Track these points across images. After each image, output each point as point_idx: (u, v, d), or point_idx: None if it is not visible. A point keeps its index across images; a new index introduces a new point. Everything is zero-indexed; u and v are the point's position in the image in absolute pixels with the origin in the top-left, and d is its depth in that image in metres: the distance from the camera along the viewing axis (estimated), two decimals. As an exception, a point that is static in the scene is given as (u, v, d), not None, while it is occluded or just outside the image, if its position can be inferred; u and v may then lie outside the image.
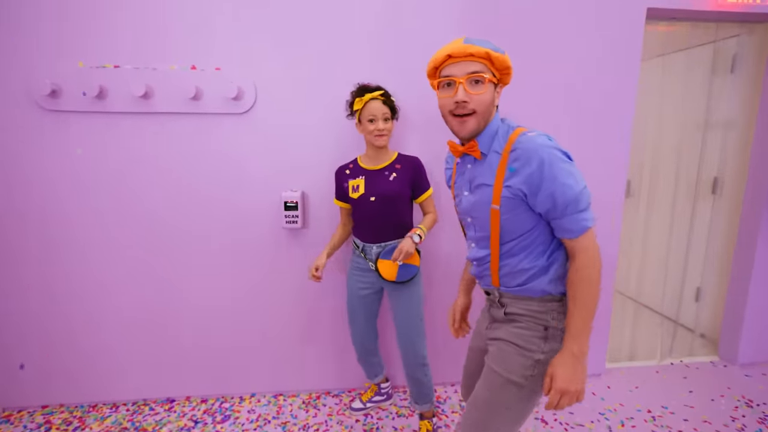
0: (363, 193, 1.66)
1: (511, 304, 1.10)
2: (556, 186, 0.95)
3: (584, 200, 0.96)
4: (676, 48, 2.29)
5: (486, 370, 1.13)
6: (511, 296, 1.10)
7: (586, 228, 0.97)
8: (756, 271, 2.26)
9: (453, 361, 2.19)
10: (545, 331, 1.06)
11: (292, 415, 1.98)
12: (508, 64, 1.03)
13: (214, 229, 1.93)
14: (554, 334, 1.06)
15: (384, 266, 1.65)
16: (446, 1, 1.84)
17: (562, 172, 0.94)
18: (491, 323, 1.19)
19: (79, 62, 1.74)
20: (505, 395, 1.07)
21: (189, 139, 1.84)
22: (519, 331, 1.08)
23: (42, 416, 1.95)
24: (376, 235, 1.68)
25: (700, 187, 2.43)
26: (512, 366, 1.07)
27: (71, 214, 1.85)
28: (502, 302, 1.12)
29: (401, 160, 1.70)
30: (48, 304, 1.91)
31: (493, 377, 1.09)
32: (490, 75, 1.01)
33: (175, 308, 1.98)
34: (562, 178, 0.94)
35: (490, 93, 1.02)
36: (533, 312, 1.07)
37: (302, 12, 1.80)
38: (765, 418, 1.94)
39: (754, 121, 2.27)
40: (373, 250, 1.69)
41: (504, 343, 1.10)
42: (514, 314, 1.10)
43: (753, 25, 2.18)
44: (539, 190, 0.96)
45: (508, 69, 1.04)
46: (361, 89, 1.64)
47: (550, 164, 0.94)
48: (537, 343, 1.06)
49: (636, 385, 2.21)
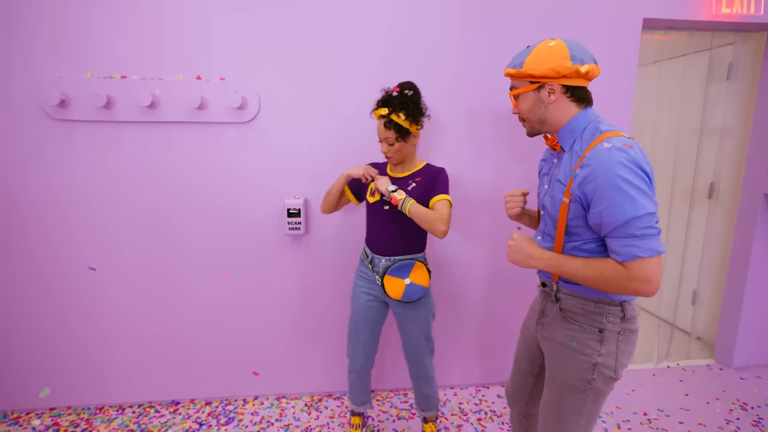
0: (378, 199, 1.57)
1: (567, 300, 1.11)
2: (604, 206, 0.93)
3: (639, 227, 0.90)
4: (673, 55, 2.32)
5: (547, 377, 1.16)
6: (567, 292, 1.10)
7: (634, 256, 0.91)
8: (751, 275, 2.30)
9: (455, 367, 2.23)
10: (600, 333, 1.05)
11: (294, 417, 2.02)
12: (528, 73, 1.05)
13: (219, 235, 1.97)
14: (610, 336, 1.05)
15: (390, 283, 1.55)
16: (451, 11, 1.88)
17: (618, 194, 0.91)
18: (541, 318, 1.20)
19: (87, 73, 1.78)
20: (569, 401, 1.09)
21: (194, 147, 1.88)
22: (573, 333, 1.08)
23: (50, 418, 1.99)
24: (385, 248, 1.59)
25: (696, 192, 2.46)
26: (571, 371, 1.08)
27: (79, 221, 1.89)
28: (558, 296, 1.13)
29: (424, 172, 1.57)
30: (56, 309, 1.95)
31: (554, 384, 1.12)
32: (524, 85, 1.09)
33: (180, 313, 2.02)
34: (614, 199, 0.91)
35: (526, 100, 1.10)
36: (588, 312, 1.07)
37: (305, 22, 1.83)
38: (759, 420, 1.98)
39: (749, 127, 2.30)
40: (381, 263, 1.60)
41: (559, 344, 1.11)
42: (569, 311, 1.10)
43: (748, 33, 2.22)
44: (591, 205, 0.97)
45: (531, 76, 1.05)
46: (381, 99, 1.51)
47: (605, 183, 0.92)
48: (593, 346, 1.05)
49: (633, 388, 2.25)
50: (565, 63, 1.01)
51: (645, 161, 0.94)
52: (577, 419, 1.09)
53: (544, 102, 1.07)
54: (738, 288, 2.35)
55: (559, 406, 1.11)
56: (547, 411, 1.15)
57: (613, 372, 1.06)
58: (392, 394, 2.21)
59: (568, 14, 1.93)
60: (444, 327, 2.15)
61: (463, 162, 2.00)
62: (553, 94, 1.05)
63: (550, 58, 1.02)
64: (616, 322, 1.05)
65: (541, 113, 1.09)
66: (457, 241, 2.07)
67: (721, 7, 1.99)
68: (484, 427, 1.95)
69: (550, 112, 1.08)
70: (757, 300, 2.33)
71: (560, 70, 1.01)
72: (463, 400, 2.16)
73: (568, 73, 1.02)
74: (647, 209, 0.91)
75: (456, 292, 2.14)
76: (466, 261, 2.10)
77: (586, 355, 1.06)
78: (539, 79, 1.05)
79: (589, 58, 1.04)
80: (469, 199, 2.03)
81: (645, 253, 0.90)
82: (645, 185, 0.92)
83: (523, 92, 1.09)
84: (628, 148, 0.93)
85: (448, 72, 1.91)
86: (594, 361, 1.05)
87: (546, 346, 1.18)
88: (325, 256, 2.03)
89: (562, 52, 1.01)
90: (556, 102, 1.06)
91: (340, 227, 2.00)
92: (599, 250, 1.03)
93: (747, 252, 2.30)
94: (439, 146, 1.97)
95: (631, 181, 0.91)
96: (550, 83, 1.04)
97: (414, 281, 1.55)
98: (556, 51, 1.02)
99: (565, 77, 1.03)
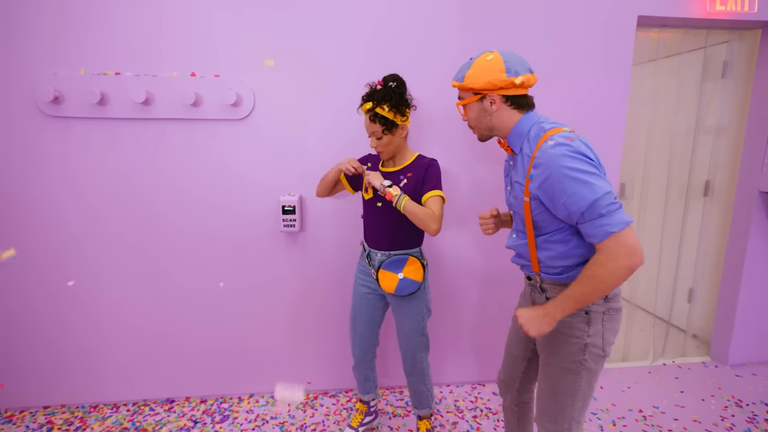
0: (372, 197, 1.59)
1: (552, 290, 1.17)
2: (566, 197, 0.99)
3: (603, 206, 0.96)
4: (668, 53, 2.33)
5: (541, 363, 1.22)
6: (551, 282, 1.16)
7: (608, 233, 0.97)
8: (746, 272, 2.30)
9: (451, 364, 2.23)
10: (587, 315, 1.11)
11: (289, 415, 2.02)
12: (468, 86, 1.13)
13: (214, 233, 1.96)
14: (596, 317, 1.11)
15: (385, 277, 1.57)
16: (446, 7, 1.88)
17: (573, 184, 0.98)
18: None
19: (81, 69, 1.77)
20: (565, 384, 1.15)
21: (188, 144, 1.88)
22: (563, 318, 1.11)
23: (44, 416, 1.99)
24: (381, 243, 1.60)
25: (691, 190, 2.47)
26: (563, 355, 1.14)
27: (72, 218, 1.88)
28: (543, 287, 1.19)
29: (415, 165, 1.56)
30: (49, 306, 1.95)
31: (549, 369, 1.18)
32: (468, 96, 1.17)
33: (175, 310, 2.02)
34: (572, 189, 0.98)
35: (472, 110, 1.18)
36: None
37: (300, 19, 1.84)
38: (754, 417, 1.98)
39: (744, 125, 2.31)
40: (377, 257, 1.62)
41: (550, 331, 1.14)
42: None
43: (743, 31, 2.23)
44: (553, 200, 1.03)
45: (472, 89, 1.13)
46: (366, 94, 1.52)
47: (558, 179, 0.99)
48: (581, 328, 1.11)
49: (629, 385, 2.25)
50: (500, 76, 1.09)
51: (589, 149, 1.02)
52: (573, 401, 1.15)
53: (487, 111, 1.15)
54: (733, 285, 2.36)
55: (556, 390, 1.17)
56: (543, 396, 1.20)
57: (601, 350, 1.12)
58: (388, 392, 2.21)
59: (562, 12, 1.93)
60: (440, 324, 2.15)
61: (455, 157, 1.99)
62: (494, 104, 1.13)
63: (487, 72, 1.09)
64: (600, 302, 1.11)
65: (487, 121, 1.17)
66: (452, 237, 2.07)
67: (716, 4, 2.00)
68: (479, 425, 1.95)
69: (495, 119, 1.16)
70: (752, 297, 2.34)
71: (496, 83, 1.09)
72: (458, 398, 2.15)
73: (504, 85, 1.10)
74: (604, 189, 0.97)
75: (452, 289, 2.14)
76: (460, 257, 2.10)
77: (576, 337, 1.12)
78: (480, 92, 1.13)
79: (524, 69, 1.11)
80: (463, 195, 2.03)
81: (616, 227, 0.96)
82: (594, 169, 0.99)
83: (468, 103, 1.17)
84: (569, 141, 1.01)
85: (440, 67, 1.91)
86: (584, 342, 1.11)
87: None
88: (320, 253, 2.03)
89: (498, 66, 1.09)
90: (499, 111, 1.14)
91: (335, 224, 2.00)
92: (568, 239, 1.09)
93: (742, 249, 2.30)
94: (433, 141, 1.97)
95: (580, 168, 0.98)
96: (491, 95, 1.12)
97: (407, 276, 1.57)
98: (492, 65, 1.09)
99: (501, 89, 1.11)
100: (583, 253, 1.10)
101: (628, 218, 0.97)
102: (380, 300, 1.72)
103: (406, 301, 1.63)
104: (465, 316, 2.18)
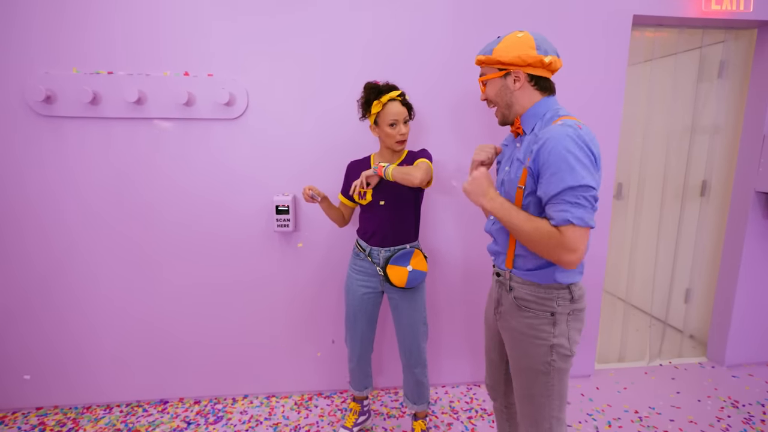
0: (371, 200, 1.63)
1: (519, 288, 1.17)
2: (549, 174, 1.00)
3: (575, 195, 0.97)
4: (664, 53, 2.32)
5: (513, 367, 1.22)
6: (520, 280, 1.17)
7: (566, 220, 0.97)
8: (743, 272, 2.29)
9: (446, 364, 2.22)
10: (552, 317, 1.12)
11: (284, 416, 2.01)
12: (496, 59, 1.12)
13: (207, 233, 1.95)
14: (561, 318, 1.12)
15: (394, 272, 1.60)
16: (442, 6, 1.87)
17: (562, 164, 0.97)
18: (498, 307, 1.25)
19: (74, 68, 1.76)
20: (538, 385, 1.15)
21: (181, 144, 1.87)
22: (528, 320, 1.14)
23: (36, 418, 1.97)
24: (384, 239, 1.64)
25: (688, 190, 2.46)
26: (532, 357, 1.14)
27: (66, 218, 1.87)
28: (511, 285, 1.19)
29: (407, 160, 1.65)
30: (41, 307, 1.93)
31: (521, 373, 1.18)
32: (492, 72, 1.15)
33: (168, 310, 2.01)
34: (558, 168, 0.98)
35: (494, 86, 1.17)
36: (540, 299, 1.13)
37: (293, 18, 1.83)
38: (750, 418, 1.97)
39: (740, 125, 2.30)
40: (381, 254, 1.65)
41: (517, 334, 1.17)
42: (522, 300, 1.16)
43: (738, 31, 2.22)
44: (540, 173, 1.03)
45: (500, 62, 1.12)
46: (377, 89, 1.55)
47: (553, 153, 0.99)
48: (547, 330, 1.12)
49: (625, 386, 2.24)
50: (530, 52, 1.09)
51: (593, 143, 1.01)
52: (550, 401, 1.16)
53: (509, 88, 1.14)
54: (730, 286, 2.35)
55: (531, 393, 1.17)
56: (521, 400, 1.20)
57: (568, 350, 1.13)
58: (383, 393, 2.20)
59: (557, 11, 1.92)
60: (435, 324, 2.14)
61: (449, 154, 1.98)
62: (518, 81, 1.13)
63: (517, 47, 1.10)
64: (566, 304, 1.12)
65: (507, 98, 1.16)
66: (448, 235, 2.06)
67: (711, 4, 1.99)
68: (474, 425, 1.94)
69: (516, 97, 1.15)
70: (749, 298, 2.33)
71: (526, 58, 1.09)
72: (454, 398, 2.14)
73: (533, 62, 1.09)
74: (586, 181, 0.97)
75: (447, 288, 2.13)
76: (455, 255, 2.09)
77: (542, 339, 1.13)
78: (507, 66, 1.12)
79: (553, 50, 1.12)
80: (457, 195, 2.02)
81: (575, 220, 0.97)
82: (589, 162, 0.99)
83: (491, 78, 1.17)
84: (578, 128, 1.01)
85: (434, 65, 1.91)
86: (550, 343, 1.12)
87: (506, 336, 1.23)
88: (314, 254, 2.02)
89: (529, 42, 1.09)
90: (521, 89, 1.14)
91: (329, 225, 1.98)
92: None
93: (739, 249, 2.29)
94: (428, 137, 1.96)
95: (575, 154, 0.98)
96: (516, 71, 1.12)
97: (415, 267, 1.63)
98: (523, 41, 1.10)
99: (530, 66, 1.10)
100: None
101: (591, 222, 0.98)
102: (378, 297, 1.76)
103: (411, 292, 1.68)
104: (460, 316, 2.17)
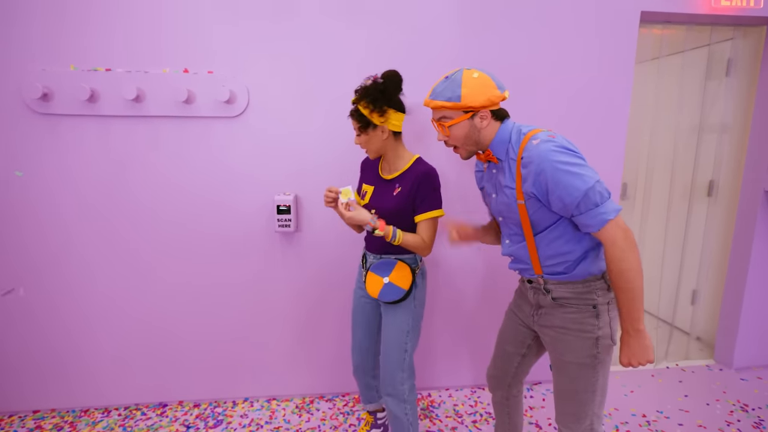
0: (367, 203, 1.53)
1: (557, 289, 1.18)
2: (560, 190, 1.03)
3: (596, 195, 1.02)
4: (671, 51, 2.28)
5: (555, 364, 1.23)
6: (555, 282, 1.18)
7: (605, 221, 1.03)
8: (751, 274, 2.26)
9: (450, 367, 2.18)
10: (594, 309, 1.14)
11: (285, 419, 1.97)
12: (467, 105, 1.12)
13: (207, 233, 1.92)
14: (602, 309, 1.14)
15: (371, 280, 1.49)
16: (445, 6, 1.84)
17: (566, 176, 1.02)
18: (537, 309, 1.25)
19: (71, 65, 1.73)
20: (583, 380, 1.17)
21: (181, 142, 1.84)
22: (571, 315, 1.16)
23: (33, 421, 1.94)
24: (375, 246, 1.53)
25: (695, 190, 2.42)
26: (577, 351, 1.16)
27: (64, 217, 1.84)
28: (547, 288, 1.19)
29: (410, 172, 1.44)
30: (39, 308, 1.90)
31: (566, 367, 1.19)
32: (458, 115, 1.15)
33: (167, 310, 1.97)
34: (565, 181, 1.02)
35: (461, 129, 1.16)
36: (579, 294, 1.15)
37: (294, 15, 1.79)
38: (760, 422, 1.94)
39: (748, 124, 2.27)
40: (369, 259, 1.57)
41: (560, 330, 1.18)
42: (562, 298, 1.17)
43: (747, 28, 2.18)
44: (548, 194, 1.07)
45: (471, 107, 1.13)
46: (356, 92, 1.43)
47: (551, 172, 1.03)
48: (591, 323, 1.14)
49: (631, 389, 2.20)
50: (495, 92, 1.13)
51: (571, 144, 1.08)
52: (593, 396, 1.18)
53: (477, 128, 1.17)
54: (738, 287, 2.31)
55: (575, 389, 1.18)
56: (562, 396, 1.22)
57: (611, 340, 1.15)
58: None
59: (564, 8, 1.89)
60: (439, 327, 2.10)
61: (452, 161, 1.94)
62: (485, 119, 1.15)
63: (484, 90, 1.12)
64: (604, 293, 1.15)
65: (475, 137, 1.18)
66: (449, 242, 2.02)
67: None
68: (479, 430, 1.91)
69: (482, 134, 1.18)
70: (757, 299, 2.29)
71: (493, 98, 1.13)
72: (458, 402, 2.11)
73: (498, 100, 1.15)
74: (594, 178, 1.03)
75: (450, 291, 2.09)
76: (460, 260, 2.06)
77: (587, 332, 1.14)
78: (477, 110, 1.14)
79: (501, 83, 1.17)
80: (458, 199, 1.98)
81: (611, 214, 1.03)
82: (581, 161, 1.05)
83: (458, 122, 1.16)
84: (552, 138, 1.07)
85: (442, 67, 1.87)
86: (596, 336, 1.14)
87: (546, 334, 1.23)
88: (316, 254, 1.99)
89: (489, 83, 1.13)
90: (487, 125, 1.17)
91: (331, 225, 1.95)
92: (572, 231, 1.13)
93: (747, 250, 2.26)
94: (430, 142, 1.93)
95: (569, 161, 1.03)
96: (482, 111, 1.14)
97: (393, 281, 1.46)
98: (484, 82, 1.12)
99: (494, 105, 1.15)
100: (581, 243, 1.13)
101: (618, 206, 1.05)
102: (376, 307, 1.62)
103: (392, 309, 1.50)
104: (464, 319, 2.13)
